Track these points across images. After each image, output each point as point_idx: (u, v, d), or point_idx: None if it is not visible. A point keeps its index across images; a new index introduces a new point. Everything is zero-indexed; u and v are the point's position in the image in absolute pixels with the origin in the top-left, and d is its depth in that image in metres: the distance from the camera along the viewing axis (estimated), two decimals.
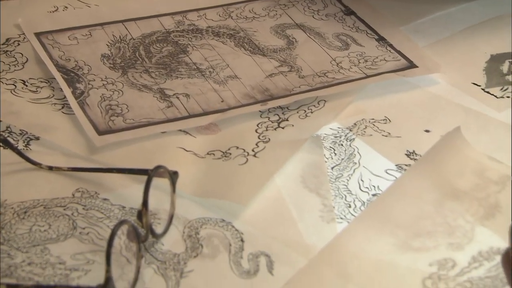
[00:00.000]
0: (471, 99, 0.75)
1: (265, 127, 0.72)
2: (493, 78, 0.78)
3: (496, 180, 0.65)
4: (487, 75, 0.78)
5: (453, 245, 0.59)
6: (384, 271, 0.57)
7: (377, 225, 0.61)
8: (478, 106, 0.74)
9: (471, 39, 0.84)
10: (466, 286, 0.55)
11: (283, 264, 0.58)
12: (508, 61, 0.80)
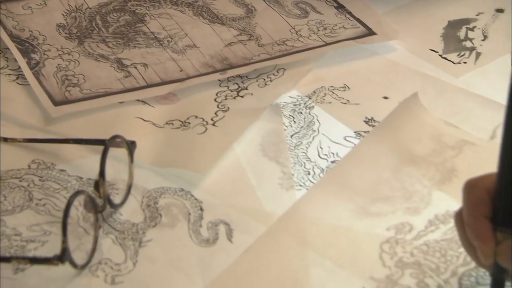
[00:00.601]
0: (428, 65, 0.76)
1: (224, 96, 0.72)
2: (450, 44, 0.78)
3: (452, 145, 0.65)
4: (444, 41, 0.79)
5: (410, 210, 0.60)
6: (343, 236, 0.58)
7: (335, 191, 0.62)
8: (436, 72, 0.75)
9: (429, 6, 0.84)
10: (422, 249, 0.56)
11: (242, 232, 0.58)
12: (465, 27, 0.80)
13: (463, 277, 0.53)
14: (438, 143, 0.66)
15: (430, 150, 0.65)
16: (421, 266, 0.55)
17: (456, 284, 0.53)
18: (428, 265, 0.55)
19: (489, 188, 0.46)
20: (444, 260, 0.55)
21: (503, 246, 0.45)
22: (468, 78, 0.74)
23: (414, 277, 0.54)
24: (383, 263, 0.55)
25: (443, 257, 0.55)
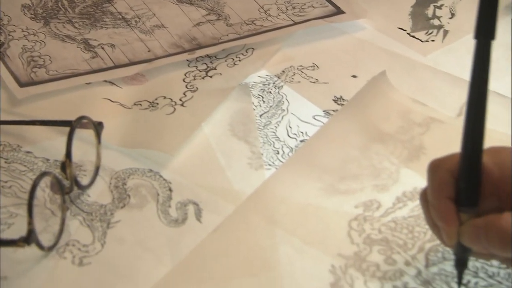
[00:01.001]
0: (397, 44, 0.76)
1: (192, 76, 0.71)
2: (418, 22, 0.79)
3: (420, 122, 0.66)
4: (412, 19, 0.79)
5: (378, 187, 0.60)
6: (311, 214, 0.58)
7: (304, 170, 0.62)
8: (404, 50, 0.75)
9: None
10: (390, 226, 0.56)
11: (211, 212, 0.58)
12: (433, 5, 0.80)
13: (430, 252, 0.54)
14: (405, 120, 0.66)
15: (397, 127, 0.66)
16: (389, 242, 0.55)
17: (423, 259, 0.53)
18: (396, 241, 0.55)
19: (452, 169, 0.46)
20: (411, 236, 0.55)
21: (466, 226, 0.45)
22: (436, 56, 0.74)
23: (382, 254, 0.54)
24: (351, 240, 0.55)
25: (410, 234, 0.56)
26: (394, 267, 0.53)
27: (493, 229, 0.44)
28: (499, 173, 0.45)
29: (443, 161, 0.47)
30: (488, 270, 0.52)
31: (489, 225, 0.44)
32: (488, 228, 0.44)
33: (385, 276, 0.52)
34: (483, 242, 0.44)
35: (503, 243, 0.43)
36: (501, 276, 0.51)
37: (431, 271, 0.52)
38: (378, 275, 0.52)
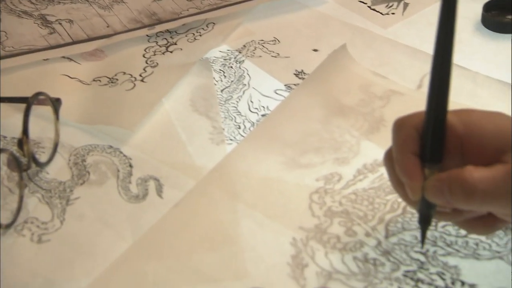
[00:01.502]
0: (358, 17, 0.76)
1: (153, 51, 0.71)
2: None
3: (380, 95, 0.66)
4: None
5: (339, 160, 0.60)
6: (273, 188, 0.58)
7: (265, 144, 0.62)
8: (365, 24, 0.75)
9: None
10: (351, 198, 0.57)
11: (172, 187, 0.58)
12: None
13: (390, 223, 0.54)
14: (366, 93, 0.66)
15: (358, 100, 0.66)
16: (349, 214, 0.55)
17: (383, 230, 0.54)
18: (356, 213, 0.55)
19: (417, 126, 0.46)
20: (371, 207, 0.56)
21: (430, 181, 0.46)
22: (396, 28, 0.74)
23: (343, 225, 0.54)
24: (312, 213, 0.56)
25: (370, 205, 0.56)
26: (354, 238, 0.53)
27: (456, 182, 0.44)
28: (463, 130, 0.45)
29: (408, 118, 0.47)
30: (446, 239, 0.52)
31: (453, 178, 0.44)
32: (451, 181, 0.44)
33: (345, 248, 0.53)
34: (447, 195, 0.45)
35: (466, 195, 0.44)
36: (459, 244, 0.52)
37: (390, 241, 0.53)
38: (339, 247, 0.53)
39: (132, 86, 0.66)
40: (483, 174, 0.44)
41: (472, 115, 0.46)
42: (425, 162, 0.46)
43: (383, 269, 0.51)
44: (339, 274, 0.51)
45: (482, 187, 0.44)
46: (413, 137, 0.46)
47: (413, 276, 0.50)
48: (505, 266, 0.50)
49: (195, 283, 0.50)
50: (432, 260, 0.51)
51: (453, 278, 0.50)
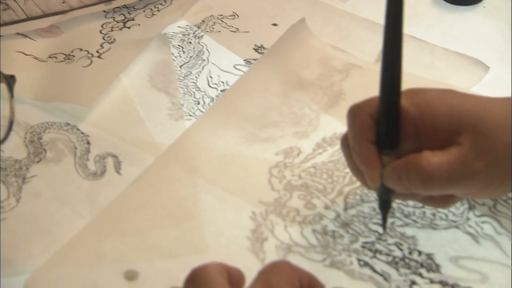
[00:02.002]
0: None
1: (110, 27, 0.70)
2: None
3: (340, 68, 0.66)
4: None
5: (299, 134, 0.60)
6: (232, 163, 0.58)
7: (225, 119, 0.62)
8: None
9: None
10: (310, 171, 0.57)
11: (131, 164, 0.57)
12: None
13: (349, 195, 0.55)
14: (325, 67, 0.66)
15: (318, 74, 0.66)
16: (308, 187, 0.55)
17: (342, 203, 0.54)
18: (316, 186, 0.55)
19: (372, 113, 0.46)
20: (331, 181, 0.56)
21: (388, 168, 0.46)
22: (355, 2, 0.74)
23: (302, 199, 0.54)
24: (272, 187, 0.56)
25: (330, 178, 0.56)
26: (313, 211, 0.53)
27: (413, 169, 0.45)
28: (417, 113, 0.45)
29: (362, 106, 0.47)
30: (404, 210, 0.53)
31: (410, 165, 0.45)
32: (408, 168, 0.45)
33: (305, 221, 0.53)
34: (405, 182, 0.45)
35: (424, 181, 0.44)
36: (416, 215, 0.52)
37: (349, 213, 0.53)
38: (298, 220, 0.53)
39: (89, 62, 0.65)
40: (439, 160, 0.44)
41: (424, 96, 0.46)
42: (381, 149, 0.46)
43: (342, 241, 0.51)
44: (298, 247, 0.51)
45: (439, 173, 0.44)
46: (369, 125, 0.46)
47: (371, 247, 0.50)
48: (461, 235, 0.50)
49: (154, 259, 0.50)
50: (390, 231, 0.51)
51: (410, 248, 0.50)
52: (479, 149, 0.44)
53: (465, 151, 0.44)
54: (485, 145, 0.44)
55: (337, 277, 0.49)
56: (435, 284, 0.47)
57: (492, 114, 0.45)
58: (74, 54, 0.66)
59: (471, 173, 0.44)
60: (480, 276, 0.48)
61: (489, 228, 0.51)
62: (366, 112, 0.47)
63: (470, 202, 0.53)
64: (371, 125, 0.46)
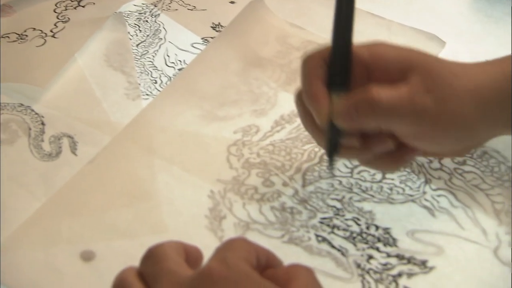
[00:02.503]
0: None
1: (64, 6, 0.68)
2: None
3: (298, 46, 0.66)
4: None
5: (257, 112, 0.60)
6: (190, 142, 0.57)
7: (182, 98, 0.61)
8: None
9: None
10: (268, 149, 0.57)
11: (87, 144, 0.57)
12: None
13: (307, 172, 0.55)
14: (283, 45, 0.66)
15: (276, 52, 0.65)
16: (267, 165, 0.55)
17: (300, 179, 0.54)
18: (274, 163, 0.55)
19: (325, 56, 0.47)
20: (289, 158, 0.56)
21: (338, 105, 0.46)
22: None
23: (260, 176, 0.54)
24: (230, 165, 0.55)
25: (288, 155, 0.56)
26: (272, 188, 0.53)
27: (362, 98, 0.45)
28: (369, 56, 0.46)
29: (316, 51, 0.48)
30: (362, 186, 0.53)
31: (359, 98, 0.45)
32: (358, 101, 0.45)
33: (263, 198, 0.53)
34: (354, 116, 0.45)
35: (372, 110, 0.45)
36: (374, 190, 0.52)
37: (307, 190, 0.53)
38: (256, 197, 0.53)
39: (42, 42, 0.64)
40: (388, 91, 0.44)
41: (379, 46, 0.47)
42: (332, 89, 0.46)
43: (300, 217, 0.51)
44: (257, 224, 0.51)
45: (387, 102, 0.44)
46: (321, 66, 0.46)
47: (329, 222, 0.51)
48: (417, 208, 0.51)
49: (111, 239, 0.49)
50: (348, 206, 0.52)
51: (368, 223, 0.50)
52: (427, 86, 0.44)
53: (413, 86, 0.44)
54: (433, 83, 0.44)
55: (295, 253, 0.49)
56: (392, 258, 0.48)
57: (440, 60, 0.46)
58: (27, 33, 0.65)
59: (419, 106, 0.44)
60: (435, 248, 0.48)
61: (445, 202, 0.51)
62: (319, 55, 0.47)
63: (427, 176, 0.53)
64: (323, 66, 0.47)
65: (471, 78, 0.45)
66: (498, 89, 0.45)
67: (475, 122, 0.46)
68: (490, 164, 0.53)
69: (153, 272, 0.39)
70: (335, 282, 0.47)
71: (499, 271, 0.46)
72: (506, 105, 0.45)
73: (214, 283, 0.36)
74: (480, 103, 0.45)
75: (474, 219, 0.50)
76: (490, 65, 0.47)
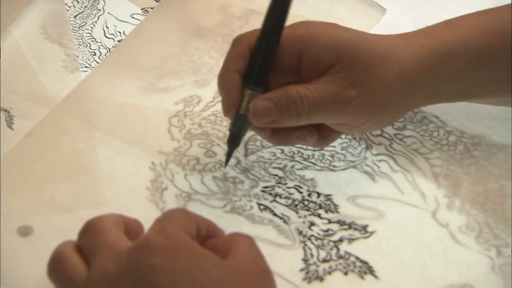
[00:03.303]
0: None
1: None
2: None
3: (239, 15, 0.65)
4: None
5: (199, 82, 0.59)
6: (130, 114, 0.56)
7: (122, 70, 0.60)
8: None
9: None
10: (210, 119, 0.56)
11: (24, 118, 0.55)
12: None
13: (249, 142, 0.54)
14: (225, 14, 0.65)
15: (217, 22, 0.64)
16: (209, 135, 0.55)
17: (242, 149, 0.53)
18: (216, 134, 0.55)
19: (251, 45, 0.46)
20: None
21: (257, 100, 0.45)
22: None
23: (202, 147, 0.54)
24: (171, 137, 0.55)
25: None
26: (214, 159, 0.53)
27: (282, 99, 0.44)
28: (301, 46, 0.45)
29: (245, 36, 0.47)
30: (303, 154, 0.53)
31: (279, 96, 0.45)
32: (278, 99, 0.45)
33: (205, 169, 0.52)
34: (274, 114, 0.45)
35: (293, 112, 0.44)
36: (315, 157, 0.53)
37: (249, 159, 0.53)
38: (198, 168, 0.52)
39: None
40: (308, 88, 0.44)
41: (308, 28, 0.46)
42: (248, 83, 0.46)
43: (242, 186, 0.51)
44: (199, 194, 0.50)
45: (307, 101, 0.44)
46: (244, 56, 0.46)
47: (271, 191, 0.50)
48: (358, 174, 0.51)
49: (49, 213, 0.48)
50: (290, 174, 0.51)
51: (310, 190, 0.50)
52: (352, 79, 0.44)
53: (336, 80, 0.44)
54: (358, 76, 0.44)
55: (238, 222, 0.48)
56: (333, 224, 0.48)
57: (371, 45, 0.45)
58: None
59: (342, 100, 0.44)
60: (376, 213, 0.48)
61: (385, 166, 0.51)
62: (246, 43, 0.46)
63: (367, 142, 0.53)
64: (246, 57, 0.46)
65: (397, 59, 0.45)
66: (421, 68, 0.46)
67: (399, 103, 0.47)
68: (430, 129, 0.54)
69: (91, 245, 0.39)
70: (278, 250, 0.47)
71: (437, 233, 0.47)
72: (428, 80, 0.46)
73: (152, 253, 0.36)
74: (403, 84, 0.46)
75: (414, 183, 0.50)
76: (419, 37, 0.47)
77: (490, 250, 0.46)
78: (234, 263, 0.37)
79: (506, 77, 0.47)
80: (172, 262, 0.35)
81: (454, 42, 0.46)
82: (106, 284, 0.36)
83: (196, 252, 0.37)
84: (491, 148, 0.52)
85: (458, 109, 0.55)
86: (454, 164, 0.51)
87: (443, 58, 0.46)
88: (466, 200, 0.49)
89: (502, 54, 0.46)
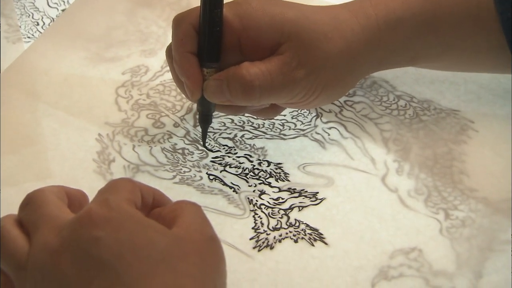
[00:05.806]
0: None
1: None
2: None
3: None
4: None
5: (146, 52, 0.58)
6: (76, 85, 0.55)
7: (67, 40, 0.58)
8: None
9: None
10: (159, 89, 0.55)
11: None
12: None
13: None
14: None
15: None
16: (157, 106, 0.54)
17: (191, 120, 0.53)
18: (165, 104, 0.54)
19: (195, 23, 0.45)
20: (180, 98, 0.54)
21: (209, 81, 0.45)
22: None
23: (151, 118, 0.53)
24: (118, 108, 0.54)
25: (179, 95, 0.54)
26: (162, 130, 0.52)
27: (234, 80, 0.44)
28: (240, 25, 0.44)
29: (186, 15, 0.45)
30: (254, 123, 0.52)
31: (230, 76, 0.44)
32: (229, 80, 0.44)
33: (153, 140, 0.51)
34: (227, 94, 0.44)
35: (245, 93, 0.44)
36: (266, 126, 0.52)
37: (198, 129, 0.52)
38: (147, 139, 0.51)
39: None
40: (259, 69, 0.44)
41: (248, 7, 0.45)
42: (203, 62, 0.45)
43: (191, 157, 0.50)
44: (147, 166, 0.49)
45: (259, 83, 0.43)
46: (191, 36, 0.44)
47: (221, 161, 0.50)
48: (308, 142, 0.51)
49: None
50: (240, 144, 0.51)
51: (260, 159, 0.50)
52: (300, 58, 0.44)
53: (286, 61, 0.44)
54: (305, 55, 0.44)
55: (187, 193, 0.48)
56: (283, 192, 0.48)
57: (313, 22, 0.45)
58: None
59: (292, 82, 0.44)
60: (326, 180, 0.48)
61: (335, 133, 0.51)
62: (189, 21, 0.45)
63: (318, 110, 0.53)
64: (193, 36, 0.45)
65: (343, 34, 0.45)
66: (368, 39, 0.46)
67: (347, 77, 0.47)
68: (379, 94, 0.53)
69: (32, 219, 0.37)
70: (228, 219, 0.46)
71: (387, 198, 0.47)
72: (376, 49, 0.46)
73: (95, 225, 0.35)
74: (350, 59, 0.45)
75: (364, 148, 0.50)
76: (365, 7, 0.46)
77: (438, 213, 0.46)
78: (179, 231, 0.36)
79: (451, 41, 0.47)
80: (115, 233, 0.34)
81: (401, 9, 0.46)
82: (48, 257, 0.35)
83: (139, 223, 0.36)
84: (440, 113, 0.52)
85: (407, 73, 0.55)
86: (404, 129, 0.51)
87: (390, 26, 0.46)
88: (415, 164, 0.49)
89: (448, 17, 0.46)
